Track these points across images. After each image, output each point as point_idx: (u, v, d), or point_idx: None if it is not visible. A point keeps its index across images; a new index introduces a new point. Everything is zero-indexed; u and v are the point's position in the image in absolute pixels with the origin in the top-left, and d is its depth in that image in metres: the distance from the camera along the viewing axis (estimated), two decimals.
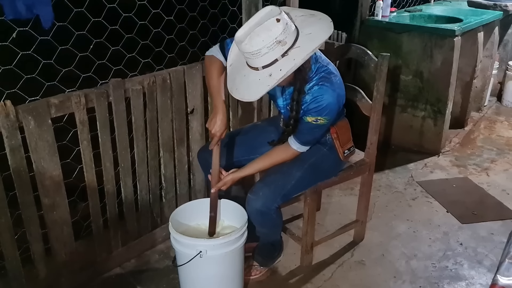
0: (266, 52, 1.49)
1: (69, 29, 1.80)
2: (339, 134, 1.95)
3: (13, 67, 1.67)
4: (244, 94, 1.60)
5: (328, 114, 1.74)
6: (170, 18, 2.20)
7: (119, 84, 1.90)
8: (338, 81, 1.77)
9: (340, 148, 1.97)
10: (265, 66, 1.52)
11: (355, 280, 2.14)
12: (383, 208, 2.72)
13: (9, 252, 1.74)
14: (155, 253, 2.27)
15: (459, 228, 2.54)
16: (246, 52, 1.52)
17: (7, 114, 1.59)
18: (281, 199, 1.88)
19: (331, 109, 1.74)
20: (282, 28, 1.48)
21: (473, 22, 3.35)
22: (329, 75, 1.74)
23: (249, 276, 2.10)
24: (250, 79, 1.57)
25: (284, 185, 1.87)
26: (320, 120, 1.74)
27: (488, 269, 2.21)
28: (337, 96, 1.75)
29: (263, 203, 1.83)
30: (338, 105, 1.78)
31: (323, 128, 1.82)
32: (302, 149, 1.87)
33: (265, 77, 1.53)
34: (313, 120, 1.74)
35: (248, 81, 1.58)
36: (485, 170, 3.20)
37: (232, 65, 1.69)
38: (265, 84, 1.53)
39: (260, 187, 1.86)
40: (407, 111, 3.43)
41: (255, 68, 1.55)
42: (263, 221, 1.92)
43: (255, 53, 1.50)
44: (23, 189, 1.72)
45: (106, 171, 1.97)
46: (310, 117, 1.74)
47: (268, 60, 1.51)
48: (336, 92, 1.74)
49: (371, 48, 2.16)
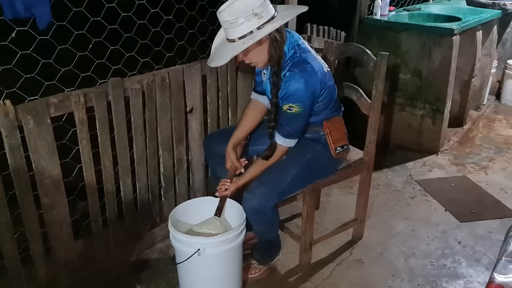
0: (242, 22, 1.61)
1: (68, 29, 1.80)
2: (331, 130, 1.96)
3: (12, 66, 1.67)
4: (214, 61, 1.73)
5: (299, 101, 1.76)
6: (169, 18, 2.20)
7: (118, 84, 1.91)
8: (309, 68, 1.77)
9: (332, 144, 1.97)
10: (241, 37, 1.64)
11: (353, 278, 2.15)
12: (382, 207, 2.72)
13: (8, 251, 1.75)
14: (155, 252, 2.28)
15: (457, 227, 2.54)
16: (224, 22, 1.64)
17: (7, 113, 1.60)
18: (277, 197, 1.89)
19: (300, 95, 1.76)
20: (259, 2, 1.61)
21: (471, 20, 3.35)
22: (301, 62, 1.78)
23: (248, 275, 2.10)
24: (226, 50, 1.70)
25: (279, 183, 1.88)
26: (294, 108, 1.77)
27: (486, 267, 2.22)
28: (305, 82, 1.75)
29: (259, 201, 1.84)
30: (308, 92, 1.77)
31: (300, 118, 1.82)
32: (286, 142, 1.87)
33: (239, 45, 1.65)
34: (287, 109, 1.78)
35: (223, 52, 1.71)
36: (484, 168, 3.21)
37: (215, 47, 1.82)
38: (234, 50, 1.65)
39: (256, 185, 1.88)
40: (406, 110, 3.43)
41: (232, 40, 1.67)
42: (260, 220, 1.93)
43: (232, 22, 1.62)
44: (22, 188, 1.72)
45: (106, 170, 1.98)
46: (284, 105, 1.79)
47: (244, 31, 1.63)
48: (303, 78, 1.75)
49: (370, 47, 2.16)
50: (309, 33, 3.57)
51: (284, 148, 1.89)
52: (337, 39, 3.52)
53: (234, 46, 1.66)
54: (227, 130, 2.16)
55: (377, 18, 3.36)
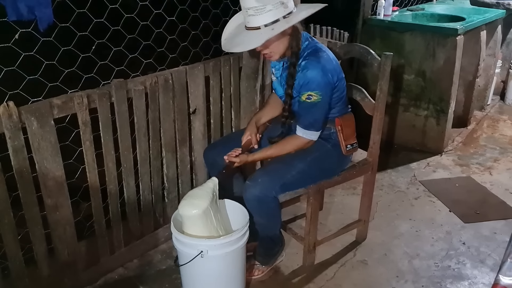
0: (270, 9, 1.64)
1: (71, 30, 1.81)
2: (343, 127, 1.96)
3: (15, 68, 1.68)
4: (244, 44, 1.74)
5: (318, 88, 1.78)
6: (172, 19, 2.20)
7: (121, 85, 1.91)
8: (325, 56, 1.82)
9: (343, 141, 1.98)
10: (267, 25, 1.67)
11: (357, 279, 2.14)
12: (386, 208, 2.72)
13: (12, 252, 1.75)
14: (158, 253, 2.28)
15: (461, 228, 2.53)
16: (250, 8, 1.66)
17: (10, 115, 1.60)
18: (280, 188, 1.88)
19: (319, 82, 1.78)
20: None
21: (475, 20, 3.34)
22: (316, 51, 1.82)
23: (251, 276, 2.10)
24: (250, 36, 1.71)
25: (284, 174, 1.88)
26: (313, 96, 1.78)
27: (491, 269, 2.20)
28: (322, 68, 1.78)
29: (261, 189, 1.84)
30: (326, 79, 1.80)
31: (320, 107, 1.83)
32: (306, 134, 1.88)
33: (267, 31, 1.67)
34: (307, 98, 1.79)
35: (248, 37, 1.71)
36: (488, 169, 3.19)
37: (226, 38, 1.82)
38: (269, 33, 1.66)
39: (259, 174, 1.88)
40: (410, 111, 3.42)
41: (255, 27, 1.69)
42: (261, 209, 1.90)
43: (260, 8, 1.64)
44: (26, 189, 1.73)
45: (109, 171, 1.98)
46: (303, 95, 1.80)
47: (271, 18, 1.66)
48: (320, 64, 1.78)
49: (373, 48, 2.15)
50: (312, 34, 3.56)
51: (305, 140, 1.89)
52: (340, 40, 3.51)
53: (262, 32, 1.67)
54: (229, 139, 2.13)
55: (380, 18, 3.35)
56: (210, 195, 1.76)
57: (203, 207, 1.72)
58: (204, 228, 1.76)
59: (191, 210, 1.72)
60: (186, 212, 1.73)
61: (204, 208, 1.72)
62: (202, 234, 1.76)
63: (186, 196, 1.79)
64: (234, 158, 1.90)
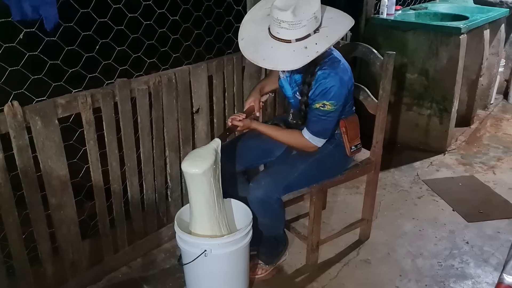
0: (304, 25, 1.59)
1: (75, 30, 1.81)
2: (348, 129, 1.96)
3: (20, 68, 1.69)
4: (278, 63, 1.66)
5: (333, 98, 1.77)
6: (175, 18, 2.20)
7: (125, 84, 1.91)
8: (342, 66, 1.81)
9: (347, 143, 1.98)
10: (299, 39, 1.61)
11: (360, 278, 2.14)
12: (389, 207, 2.71)
13: (17, 251, 1.76)
14: (161, 252, 2.28)
15: (465, 227, 2.53)
16: (284, 21, 1.59)
17: (15, 114, 1.61)
18: (283, 189, 1.89)
19: (335, 92, 1.76)
20: (318, 5, 1.62)
21: (479, 19, 3.33)
22: (333, 61, 1.80)
23: (254, 275, 2.10)
24: (281, 50, 1.63)
25: (286, 176, 1.89)
26: (327, 105, 1.77)
27: (495, 268, 2.20)
28: (340, 79, 1.77)
29: (265, 192, 1.84)
30: (343, 90, 1.79)
31: (331, 117, 1.82)
32: (313, 140, 1.87)
33: (300, 49, 1.62)
34: (321, 106, 1.78)
35: (280, 52, 1.64)
36: (492, 168, 3.18)
37: (244, 39, 1.74)
38: (304, 54, 1.61)
39: (262, 176, 1.89)
40: (413, 110, 3.42)
41: (286, 40, 1.62)
42: (265, 212, 1.91)
43: (295, 24, 1.58)
44: (30, 188, 1.73)
45: (112, 171, 1.99)
46: (317, 103, 1.78)
47: (303, 34, 1.61)
48: (338, 75, 1.77)
49: (376, 47, 2.15)
50: None
51: (310, 144, 1.87)
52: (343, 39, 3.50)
53: (293, 48, 1.62)
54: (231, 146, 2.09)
55: (383, 17, 3.35)
56: (213, 156, 1.71)
57: (205, 166, 1.66)
58: (205, 187, 1.70)
59: (194, 169, 1.67)
60: (189, 170, 1.67)
61: (206, 168, 1.66)
62: (203, 194, 1.72)
63: (189, 155, 1.74)
64: (238, 122, 1.87)
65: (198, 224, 1.80)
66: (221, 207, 1.81)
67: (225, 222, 1.84)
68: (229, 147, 2.06)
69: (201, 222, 1.79)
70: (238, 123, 1.87)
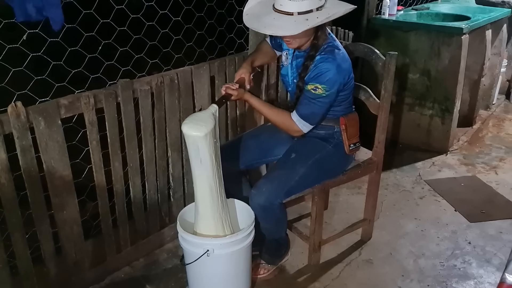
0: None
1: (78, 31, 1.82)
2: (347, 126, 1.96)
3: (23, 68, 1.69)
4: (279, 30, 1.70)
5: (327, 83, 1.77)
6: (177, 19, 2.21)
7: (128, 85, 1.92)
8: (341, 54, 1.83)
9: (346, 141, 1.98)
10: (301, 13, 1.66)
11: (362, 279, 2.15)
12: (391, 207, 2.71)
13: (20, 251, 1.76)
14: (164, 252, 2.29)
15: (467, 227, 2.53)
16: None
17: (18, 115, 1.61)
18: (284, 194, 1.89)
19: (330, 78, 1.77)
20: None
21: (481, 19, 3.33)
22: (333, 48, 1.82)
23: (257, 275, 2.11)
24: (283, 20, 1.68)
25: (287, 181, 1.89)
26: (319, 89, 1.77)
27: (497, 268, 2.20)
28: (337, 66, 1.78)
29: (266, 198, 1.85)
30: (338, 77, 1.80)
31: (321, 102, 1.81)
32: (300, 123, 1.84)
33: (301, 20, 1.66)
34: (312, 89, 1.78)
35: (281, 22, 1.68)
36: (494, 168, 3.18)
37: (248, 14, 1.80)
38: (304, 24, 1.66)
39: (263, 182, 1.88)
40: (415, 110, 3.42)
41: (288, 12, 1.67)
42: (267, 217, 1.92)
43: None
44: (33, 189, 1.74)
45: (115, 171, 1.99)
46: (310, 85, 1.79)
47: (305, 8, 1.66)
48: (336, 61, 1.79)
49: (378, 47, 2.15)
50: None
51: (296, 127, 1.85)
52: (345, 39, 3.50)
53: (295, 19, 1.67)
54: (231, 146, 2.09)
55: (385, 17, 3.35)
56: (213, 120, 1.70)
57: (206, 130, 1.64)
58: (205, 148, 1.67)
59: (195, 131, 1.64)
60: (191, 132, 1.65)
61: (207, 131, 1.64)
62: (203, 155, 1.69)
63: (190, 118, 1.71)
64: (232, 91, 1.83)
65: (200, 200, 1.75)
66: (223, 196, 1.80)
67: (228, 222, 1.84)
68: (229, 147, 2.06)
69: (202, 194, 1.75)
70: (233, 92, 1.83)
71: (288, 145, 2.03)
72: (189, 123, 1.67)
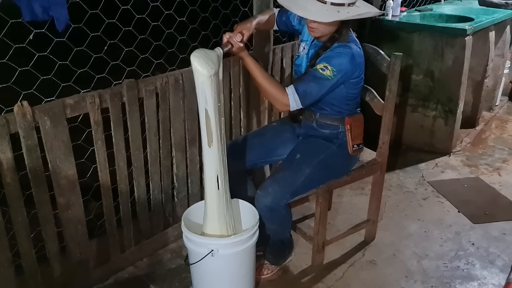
0: None
1: (84, 31, 1.83)
2: (352, 127, 1.97)
3: (29, 68, 1.70)
4: (311, 14, 1.73)
5: (337, 66, 1.78)
6: (182, 19, 2.21)
7: (133, 85, 1.92)
8: (358, 50, 1.86)
9: (350, 141, 1.98)
10: (334, 4, 1.72)
11: (366, 279, 2.15)
12: (394, 208, 2.71)
13: (25, 250, 1.77)
14: (168, 252, 2.29)
15: (470, 228, 2.53)
16: None
17: (24, 114, 1.62)
18: (290, 195, 1.89)
19: (342, 62, 1.79)
20: None
21: (484, 21, 3.33)
22: (351, 41, 1.86)
23: (260, 275, 2.11)
24: (316, 6, 1.73)
25: (293, 182, 1.89)
26: (328, 70, 1.77)
27: (501, 269, 2.20)
28: (352, 55, 1.81)
29: (272, 199, 1.85)
30: (349, 65, 1.81)
31: (323, 85, 1.79)
32: (291, 96, 1.77)
33: (332, 10, 1.72)
34: (321, 68, 1.78)
35: (314, 7, 1.73)
36: (497, 169, 3.18)
37: None
38: (335, 15, 1.72)
39: (269, 183, 1.89)
40: (418, 111, 3.42)
41: (322, 1, 1.72)
42: (272, 218, 1.93)
43: None
44: (39, 188, 1.75)
45: (120, 171, 2.00)
46: (320, 64, 1.80)
47: (339, 0, 1.72)
48: (352, 51, 1.82)
49: (382, 48, 2.15)
50: None
51: (285, 100, 1.78)
52: None
53: (327, 8, 1.72)
54: (235, 145, 2.09)
55: (388, 19, 3.35)
56: (219, 63, 1.67)
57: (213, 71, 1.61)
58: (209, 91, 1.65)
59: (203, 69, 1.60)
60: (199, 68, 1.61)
61: (214, 72, 1.62)
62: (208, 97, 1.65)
63: (199, 52, 1.64)
64: (235, 42, 1.77)
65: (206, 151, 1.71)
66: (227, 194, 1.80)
67: (232, 224, 1.85)
68: (233, 146, 2.06)
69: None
70: (235, 43, 1.77)
71: (293, 145, 2.04)
72: (199, 57, 1.61)
